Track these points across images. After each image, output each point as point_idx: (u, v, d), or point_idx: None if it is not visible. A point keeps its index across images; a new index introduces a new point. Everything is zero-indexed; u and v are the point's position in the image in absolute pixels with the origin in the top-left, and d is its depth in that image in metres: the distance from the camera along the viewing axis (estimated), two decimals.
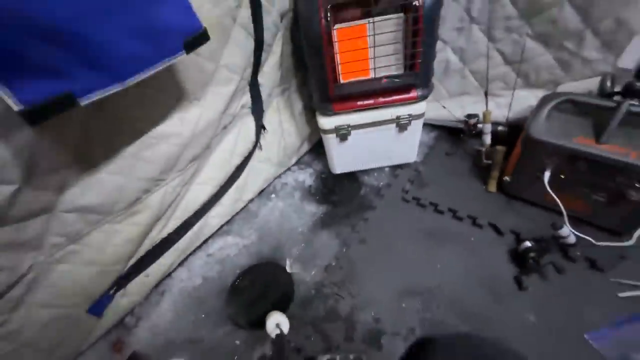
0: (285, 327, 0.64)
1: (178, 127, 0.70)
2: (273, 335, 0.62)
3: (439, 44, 1.10)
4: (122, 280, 0.82)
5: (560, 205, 0.83)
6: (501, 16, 0.95)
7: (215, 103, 0.77)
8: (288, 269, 0.93)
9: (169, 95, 0.67)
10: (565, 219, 0.83)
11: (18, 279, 0.62)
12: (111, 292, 0.81)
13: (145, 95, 0.59)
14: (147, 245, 0.84)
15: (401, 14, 0.82)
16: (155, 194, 0.75)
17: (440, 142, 1.24)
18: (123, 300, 0.86)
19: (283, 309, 0.80)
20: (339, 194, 1.15)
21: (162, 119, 0.67)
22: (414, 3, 0.77)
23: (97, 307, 0.79)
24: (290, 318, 0.75)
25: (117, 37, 0.41)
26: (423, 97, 0.95)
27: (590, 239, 0.81)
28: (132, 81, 0.44)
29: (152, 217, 0.78)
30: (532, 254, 0.81)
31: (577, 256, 0.82)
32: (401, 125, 1.00)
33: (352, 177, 1.19)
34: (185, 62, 0.51)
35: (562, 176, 0.84)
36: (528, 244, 0.83)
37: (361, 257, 0.93)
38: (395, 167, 1.19)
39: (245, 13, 0.75)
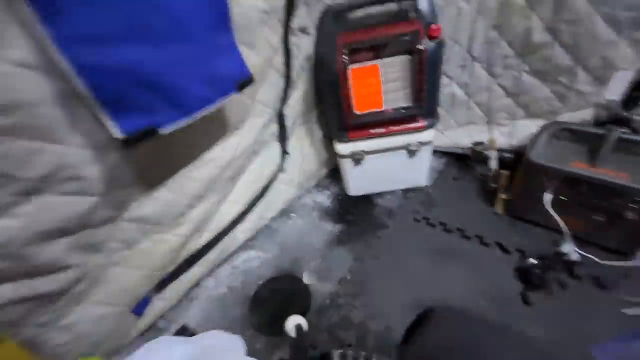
0: (305, 326, 0.72)
1: (221, 152, 0.84)
2: (292, 334, 0.70)
3: (445, 79, 1.22)
4: (162, 285, 0.93)
5: (562, 224, 0.89)
6: (499, 55, 1.07)
7: (250, 132, 0.91)
8: (305, 281, 1.02)
9: (217, 127, 0.81)
10: (568, 238, 0.88)
11: (83, 276, 0.74)
12: (151, 295, 0.92)
13: (199, 126, 0.73)
14: (184, 254, 0.95)
15: (408, 56, 0.95)
16: (196, 209, 0.87)
17: (449, 168, 1.33)
18: (159, 303, 0.96)
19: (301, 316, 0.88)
20: (354, 214, 1.24)
21: (209, 146, 0.81)
22: (418, 47, 0.90)
23: (139, 307, 0.90)
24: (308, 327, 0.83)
25: (192, 83, 0.55)
26: (430, 126, 1.05)
27: (594, 257, 0.86)
28: (197, 116, 0.58)
29: (191, 230, 0.90)
30: (536, 271, 0.86)
31: (581, 274, 0.86)
32: (411, 151, 1.10)
33: (366, 199, 1.28)
34: (231, 100, 0.66)
35: (563, 198, 0.91)
36: (533, 260, 0.88)
37: (374, 271, 1.00)
38: (407, 190, 1.27)
39: (279, 59, 0.90)
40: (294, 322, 0.72)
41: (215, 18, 0.61)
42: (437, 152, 1.37)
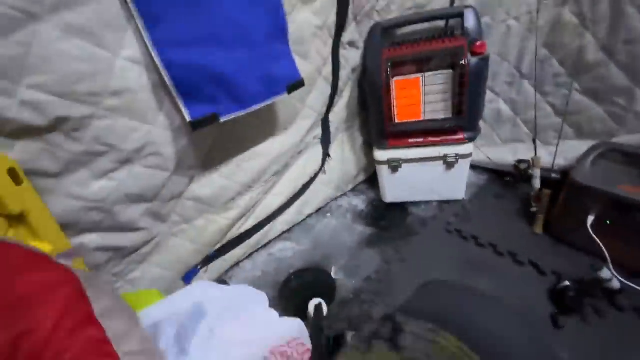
0: (324, 308, 0.78)
1: (270, 148, 0.95)
2: (312, 313, 0.77)
3: (492, 95, 1.22)
4: (208, 260, 1.07)
5: (604, 249, 0.84)
6: (550, 73, 1.05)
7: (297, 132, 1.02)
8: (333, 275, 1.08)
9: (269, 124, 0.94)
10: (610, 264, 0.84)
11: (149, 240, 0.88)
12: (199, 267, 1.06)
13: (253, 123, 0.86)
14: (229, 236, 1.08)
15: (450, 70, 0.99)
16: (244, 196, 0.99)
17: (489, 184, 1.31)
18: (204, 276, 1.09)
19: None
20: (387, 220, 1.28)
21: (261, 141, 0.93)
22: (461, 62, 0.94)
23: (188, 276, 1.04)
24: (328, 314, 0.88)
25: (250, 81, 0.68)
26: (470, 139, 1.07)
27: (639, 288, 0.80)
28: (251, 109, 0.70)
29: (238, 215, 1.02)
30: (570, 294, 0.82)
31: (623, 304, 0.80)
32: (448, 162, 1.12)
33: (401, 207, 1.31)
34: (283, 102, 0.77)
35: (608, 222, 0.86)
36: (567, 283, 0.85)
37: (400, 274, 1.03)
38: (442, 202, 1.28)
39: (328, 68, 1.01)
40: (314, 303, 0.79)
41: (274, 29, 0.73)
42: (478, 168, 1.36)
